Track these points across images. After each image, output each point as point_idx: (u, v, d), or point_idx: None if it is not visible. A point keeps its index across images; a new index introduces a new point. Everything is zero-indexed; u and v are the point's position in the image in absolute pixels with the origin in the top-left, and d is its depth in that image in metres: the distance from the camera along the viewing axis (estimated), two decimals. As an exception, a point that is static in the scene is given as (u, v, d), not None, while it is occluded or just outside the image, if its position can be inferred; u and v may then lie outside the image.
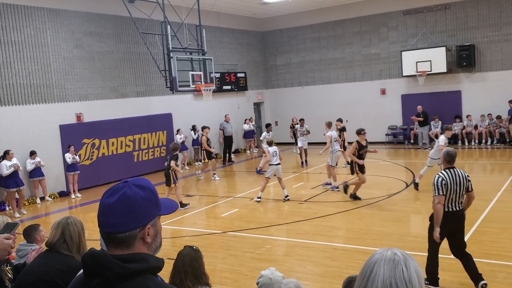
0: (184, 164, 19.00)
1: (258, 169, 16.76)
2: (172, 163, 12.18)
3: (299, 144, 17.92)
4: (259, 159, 20.81)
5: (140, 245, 1.75)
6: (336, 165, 14.02)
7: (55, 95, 15.54)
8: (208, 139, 15.97)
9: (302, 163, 17.70)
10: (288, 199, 12.21)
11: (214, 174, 16.50)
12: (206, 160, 16.26)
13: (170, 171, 12.25)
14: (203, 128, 16.54)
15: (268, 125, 19.08)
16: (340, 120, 16.73)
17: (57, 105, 15.58)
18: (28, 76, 14.79)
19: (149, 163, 18.40)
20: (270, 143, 12.68)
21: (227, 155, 20.56)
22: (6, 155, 13.21)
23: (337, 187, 13.06)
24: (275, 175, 12.19)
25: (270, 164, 12.12)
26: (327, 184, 13.75)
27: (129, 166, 17.48)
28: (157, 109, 19.02)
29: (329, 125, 14.05)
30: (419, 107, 19.99)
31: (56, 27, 15.60)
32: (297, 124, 19.32)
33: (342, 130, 15.80)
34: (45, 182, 14.50)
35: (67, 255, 3.43)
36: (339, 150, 14.13)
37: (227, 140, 20.75)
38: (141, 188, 1.76)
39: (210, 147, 16.06)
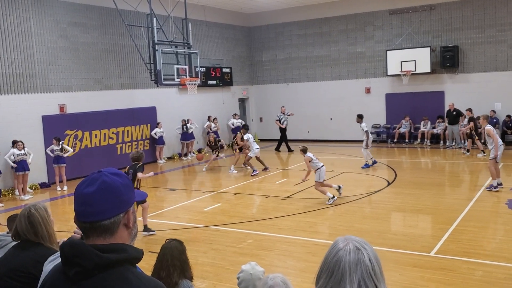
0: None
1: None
2: None
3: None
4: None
5: (123, 231, 1.78)
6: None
7: (38, 86, 15.34)
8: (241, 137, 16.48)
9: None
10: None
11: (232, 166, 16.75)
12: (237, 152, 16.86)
13: None
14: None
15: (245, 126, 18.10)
16: (469, 110, 17.76)
17: (40, 95, 15.39)
18: (11, 66, 14.57)
19: (132, 156, 18.26)
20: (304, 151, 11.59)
21: (287, 144, 20.74)
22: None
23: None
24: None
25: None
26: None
27: (112, 158, 17.36)
28: (141, 102, 18.91)
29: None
30: (451, 103, 19.18)
31: (40, 16, 15.39)
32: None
33: (470, 120, 16.99)
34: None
35: (41, 245, 3.38)
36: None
37: (283, 131, 21.09)
38: (118, 176, 1.80)
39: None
